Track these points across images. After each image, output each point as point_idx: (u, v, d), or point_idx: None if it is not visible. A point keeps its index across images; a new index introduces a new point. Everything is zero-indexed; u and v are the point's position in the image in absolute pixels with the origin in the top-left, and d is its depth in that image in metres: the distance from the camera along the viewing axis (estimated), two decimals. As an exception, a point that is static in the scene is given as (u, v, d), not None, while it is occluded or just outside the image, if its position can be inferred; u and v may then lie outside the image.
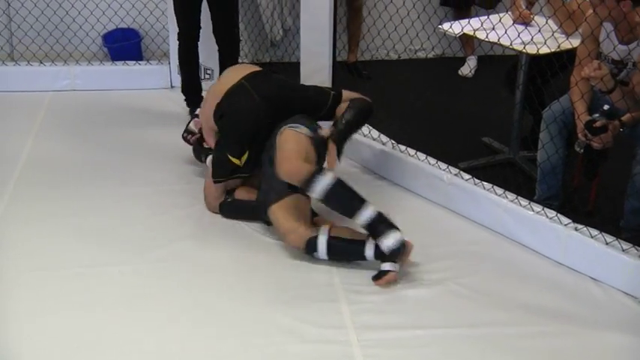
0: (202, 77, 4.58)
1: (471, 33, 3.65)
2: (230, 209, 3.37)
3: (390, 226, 2.91)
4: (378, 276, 2.93)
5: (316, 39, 3.88)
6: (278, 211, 3.09)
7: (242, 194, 3.38)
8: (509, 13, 3.82)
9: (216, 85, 3.49)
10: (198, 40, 4.25)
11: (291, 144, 3.10)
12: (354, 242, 3.01)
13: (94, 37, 5.02)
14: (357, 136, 3.83)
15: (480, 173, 3.49)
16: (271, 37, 5.27)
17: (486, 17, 3.64)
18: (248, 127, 3.25)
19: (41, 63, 4.78)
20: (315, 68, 3.93)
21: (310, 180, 2.94)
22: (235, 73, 3.43)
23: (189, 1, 4.16)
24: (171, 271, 3.01)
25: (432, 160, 3.59)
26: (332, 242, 3.00)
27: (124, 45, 5.01)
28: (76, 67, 4.79)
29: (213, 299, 2.85)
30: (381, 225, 2.90)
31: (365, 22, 4.19)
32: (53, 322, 2.70)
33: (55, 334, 2.64)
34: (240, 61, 4.42)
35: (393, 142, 3.78)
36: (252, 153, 3.26)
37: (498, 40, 3.51)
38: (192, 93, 4.36)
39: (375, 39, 4.26)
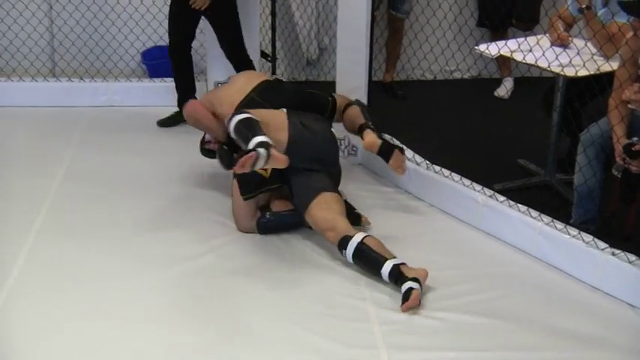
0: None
1: (508, 54, 3.63)
2: (271, 226, 3.38)
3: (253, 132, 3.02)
4: (404, 298, 2.92)
5: (352, 59, 3.90)
6: (314, 213, 3.19)
7: (279, 206, 3.41)
8: (547, 35, 3.80)
9: (225, 92, 3.55)
10: (190, 48, 4.42)
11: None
12: (378, 255, 3.03)
13: (133, 55, 5.11)
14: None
15: (515, 195, 3.46)
16: (307, 56, 5.31)
17: (524, 39, 3.62)
18: None
19: (81, 79, 4.87)
20: (351, 88, 3.94)
21: (228, 119, 3.14)
22: (244, 83, 3.53)
23: (183, 15, 4.25)
24: (198, 286, 3.03)
25: (467, 181, 3.57)
26: (360, 248, 3.05)
27: (162, 62, 5.07)
28: (115, 84, 4.88)
29: (241, 315, 2.85)
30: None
31: (401, 42, 4.19)
32: (71, 334, 2.72)
33: (76, 347, 2.65)
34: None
35: (428, 162, 3.77)
36: None
37: (536, 62, 3.48)
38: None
39: (410, 59, 4.27)
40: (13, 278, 3.01)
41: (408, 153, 3.84)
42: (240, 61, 4.35)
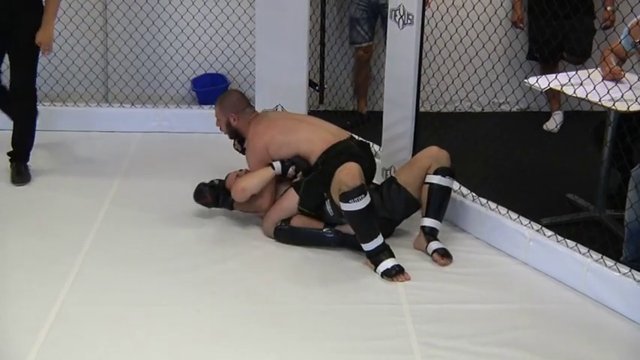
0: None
1: (558, 88, 3.60)
2: (286, 235, 3.54)
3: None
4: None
5: (400, 90, 3.90)
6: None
7: (298, 222, 3.55)
8: (598, 69, 3.75)
9: (306, 127, 3.71)
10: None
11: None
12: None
13: (183, 82, 5.20)
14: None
15: (563, 230, 3.40)
16: (355, 86, 5.33)
17: (574, 72, 3.58)
18: None
19: (133, 105, 4.97)
20: (398, 118, 3.94)
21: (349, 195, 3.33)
22: (328, 126, 3.76)
23: None
24: (247, 311, 3.05)
25: (514, 215, 3.53)
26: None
27: (211, 89, 5.16)
28: (165, 110, 4.96)
29: (286, 341, 2.86)
30: None
31: (449, 73, 4.19)
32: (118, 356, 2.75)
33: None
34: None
35: (474, 194, 3.74)
36: None
37: (586, 96, 3.44)
38: None
39: (459, 91, 4.26)
40: (60, 300, 3.06)
41: (454, 184, 3.81)
42: (29, 94, 4.09)
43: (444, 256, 3.42)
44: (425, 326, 2.95)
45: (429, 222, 3.49)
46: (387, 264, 3.28)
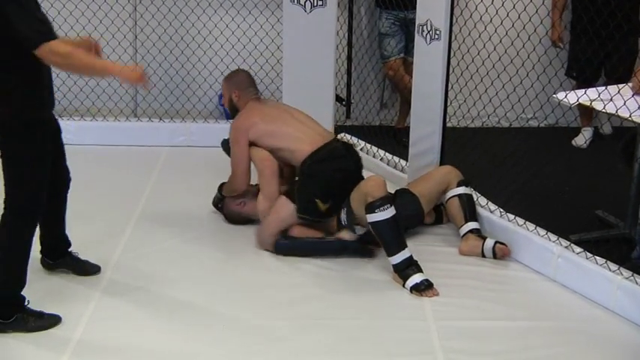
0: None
1: (587, 103, 3.56)
2: (287, 247, 3.55)
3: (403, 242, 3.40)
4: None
5: (427, 105, 3.90)
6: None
7: (299, 232, 3.57)
8: (629, 84, 3.71)
9: (294, 123, 3.73)
10: None
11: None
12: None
13: (211, 96, 5.24)
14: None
15: (593, 247, 3.35)
16: (382, 101, 5.33)
17: (604, 88, 3.54)
18: (341, 182, 3.54)
19: (161, 120, 5.02)
20: (425, 133, 3.93)
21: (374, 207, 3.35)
22: (317, 126, 3.77)
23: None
24: (267, 326, 3.03)
25: (542, 231, 3.49)
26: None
27: (238, 105, 5.19)
28: (193, 125, 5.01)
29: (307, 356, 2.85)
30: None
31: (477, 88, 4.18)
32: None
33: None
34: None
35: (501, 210, 3.71)
36: (335, 204, 3.53)
37: (616, 112, 3.40)
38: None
39: (486, 106, 4.24)
40: (86, 318, 3.06)
41: (482, 200, 3.79)
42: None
43: (505, 245, 3.54)
44: (452, 343, 2.93)
45: (472, 225, 3.63)
46: (416, 278, 3.27)
